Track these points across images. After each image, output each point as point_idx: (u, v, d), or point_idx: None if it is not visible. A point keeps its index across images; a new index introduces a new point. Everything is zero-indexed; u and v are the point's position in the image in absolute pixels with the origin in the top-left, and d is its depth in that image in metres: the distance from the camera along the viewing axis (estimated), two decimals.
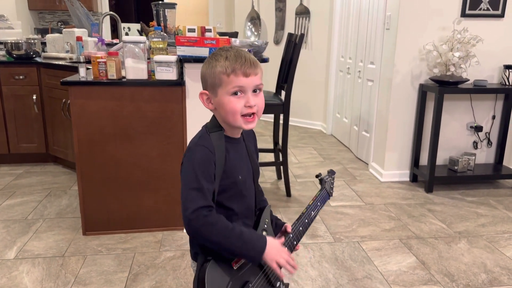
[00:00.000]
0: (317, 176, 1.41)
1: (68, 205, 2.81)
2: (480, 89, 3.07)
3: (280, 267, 1.09)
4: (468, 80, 3.08)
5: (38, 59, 3.50)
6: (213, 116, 1.15)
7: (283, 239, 1.19)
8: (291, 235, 1.21)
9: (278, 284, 1.19)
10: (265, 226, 1.20)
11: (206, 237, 1.02)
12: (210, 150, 1.06)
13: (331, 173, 1.44)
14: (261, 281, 1.14)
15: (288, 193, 3.03)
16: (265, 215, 1.22)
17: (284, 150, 2.97)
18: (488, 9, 3.12)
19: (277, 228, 1.26)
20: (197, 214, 1.01)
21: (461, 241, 2.43)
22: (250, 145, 1.23)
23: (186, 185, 1.05)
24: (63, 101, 3.17)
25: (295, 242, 1.22)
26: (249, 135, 1.25)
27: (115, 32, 6.30)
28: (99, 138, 2.29)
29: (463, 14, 3.10)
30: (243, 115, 1.07)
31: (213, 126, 1.13)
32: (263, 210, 1.23)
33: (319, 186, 1.40)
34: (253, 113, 1.08)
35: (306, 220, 1.25)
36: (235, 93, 1.06)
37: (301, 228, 1.24)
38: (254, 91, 1.08)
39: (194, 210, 1.01)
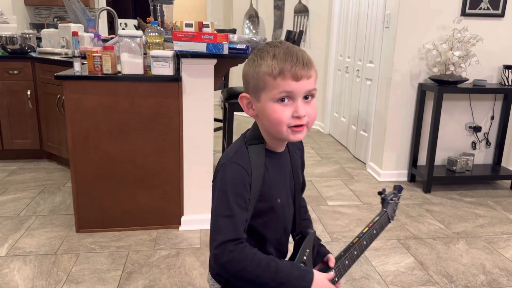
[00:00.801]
0: (379, 193, 1.19)
1: (62, 202, 2.77)
2: (479, 89, 3.04)
3: None
4: (468, 79, 3.05)
5: (33, 54, 3.45)
6: (254, 123, 0.98)
7: (332, 274, 1.00)
8: (332, 272, 1.02)
9: None
10: (305, 258, 1.01)
11: (233, 275, 0.88)
12: (246, 170, 0.91)
13: (398, 190, 1.22)
14: None
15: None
16: (307, 244, 1.02)
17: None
18: (488, 9, 3.10)
19: (319, 256, 1.07)
20: (222, 249, 0.86)
21: (460, 241, 2.40)
22: (297, 158, 1.08)
23: (216, 211, 0.91)
24: (58, 96, 3.12)
25: (336, 279, 1.03)
26: (296, 146, 1.09)
27: (112, 28, 6.24)
28: (94, 134, 2.25)
29: (463, 13, 3.08)
30: (290, 127, 0.90)
31: (253, 138, 0.96)
32: (306, 236, 1.04)
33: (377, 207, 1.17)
34: (302, 125, 0.91)
35: (356, 252, 1.06)
36: (282, 100, 0.89)
37: (347, 262, 1.04)
38: (306, 97, 0.91)
39: (220, 244, 0.87)
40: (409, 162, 3.33)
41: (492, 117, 3.36)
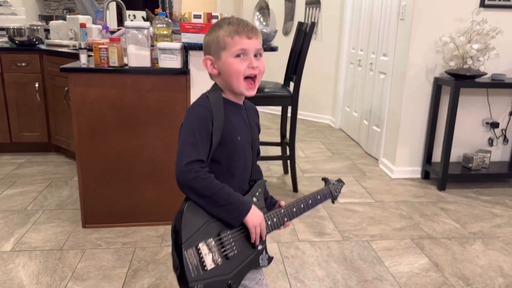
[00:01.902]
0: (323, 179, 1.41)
1: (69, 196, 2.73)
2: (498, 84, 2.93)
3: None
4: (486, 74, 2.94)
5: (41, 46, 3.41)
6: (214, 83, 1.18)
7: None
8: (282, 210, 1.21)
9: (260, 247, 1.18)
10: (257, 194, 1.21)
11: (195, 190, 1.04)
12: (207, 109, 1.10)
13: (340, 181, 1.43)
14: (240, 234, 1.13)
15: (295, 188, 2.93)
16: (259, 185, 1.23)
17: (291, 144, 2.87)
18: (509, 0, 2.98)
19: (271, 205, 1.28)
20: (190, 167, 1.03)
21: (476, 242, 2.32)
22: (252, 117, 1.25)
23: (182, 140, 1.08)
24: (66, 89, 3.08)
25: (286, 219, 1.22)
26: (252, 110, 1.26)
27: (120, 20, 6.20)
28: (100, 128, 2.20)
29: (483, 4, 2.96)
30: (246, 78, 1.11)
31: (213, 89, 1.17)
32: (258, 181, 1.24)
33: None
34: (255, 76, 1.12)
35: (302, 206, 1.25)
36: (238, 56, 1.10)
37: (294, 209, 1.24)
38: (255, 56, 1.12)
39: (188, 163, 1.03)
40: (423, 159, 3.24)
41: (511, 113, 3.24)
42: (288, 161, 3.00)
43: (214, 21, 2.35)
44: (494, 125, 3.21)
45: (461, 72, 2.86)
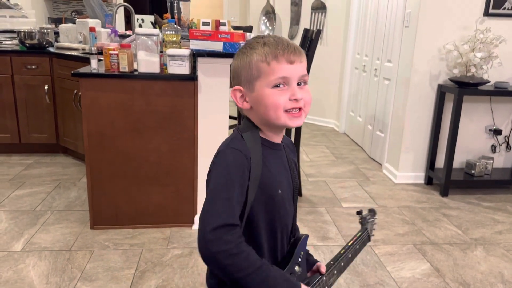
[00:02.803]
0: (358, 213, 1.24)
1: (77, 198, 2.79)
2: (501, 92, 2.96)
3: None
4: (489, 81, 2.97)
5: (50, 49, 3.47)
6: (246, 118, 0.96)
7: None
8: (324, 278, 1.01)
9: None
10: (299, 260, 0.99)
11: (222, 267, 0.80)
12: (244, 155, 0.87)
13: (373, 212, 1.27)
14: None
15: (299, 192, 2.97)
16: (301, 247, 1.01)
17: (296, 149, 2.91)
18: None
19: (308, 265, 1.06)
20: (218, 235, 0.79)
21: (477, 248, 2.35)
22: (291, 157, 1.04)
23: (211, 195, 0.84)
24: (75, 92, 3.14)
25: (326, 287, 1.02)
26: (289, 146, 1.06)
27: (129, 24, 6.27)
28: (109, 132, 2.25)
29: (486, 13, 2.99)
30: (287, 111, 0.90)
31: (247, 127, 0.94)
32: (300, 239, 1.02)
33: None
34: (299, 108, 0.91)
35: (342, 264, 1.07)
36: (277, 86, 0.89)
37: (335, 272, 1.04)
38: (299, 84, 0.91)
39: (216, 228, 0.79)
40: (427, 165, 3.27)
41: None
42: None
43: (222, 28, 2.40)
44: (497, 132, 3.24)
45: (464, 80, 2.89)
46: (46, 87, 3.40)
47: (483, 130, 3.28)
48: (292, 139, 3.04)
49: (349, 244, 1.12)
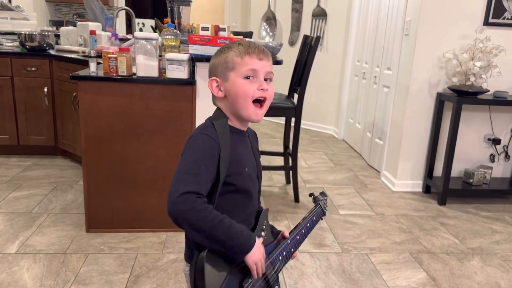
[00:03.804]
0: (310, 195, 1.40)
1: (73, 201, 2.78)
2: (500, 101, 2.96)
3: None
4: (488, 91, 2.97)
5: (51, 51, 3.48)
6: (217, 108, 1.12)
7: (261, 239, 1.09)
8: (289, 241, 1.17)
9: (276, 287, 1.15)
10: (264, 227, 1.15)
11: (190, 223, 0.93)
12: (214, 140, 1.02)
13: (323, 194, 1.40)
14: (260, 281, 1.07)
15: (297, 199, 2.96)
16: (263, 217, 1.17)
17: (294, 155, 2.91)
18: None
19: (273, 235, 1.22)
20: (185, 197, 0.92)
21: (474, 258, 2.34)
22: (254, 144, 1.20)
23: (181, 169, 0.98)
24: (74, 94, 3.14)
25: (292, 249, 1.18)
26: (253, 136, 1.22)
27: (130, 27, 6.29)
28: (107, 135, 2.25)
29: (486, 23, 3.00)
30: (254, 101, 1.06)
31: (217, 116, 1.10)
32: (261, 212, 1.18)
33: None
34: (264, 100, 1.07)
35: (303, 231, 1.23)
36: (248, 77, 1.05)
37: (298, 237, 1.20)
38: (265, 80, 1.07)
39: (184, 193, 0.93)
40: (425, 173, 3.26)
41: None
42: (291, 171, 3.04)
43: (221, 33, 2.40)
44: (496, 141, 3.24)
45: (463, 89, 2.89)
46: (45, 89, 3.40)
47: (482, 139, 3.28)
48: (290, 145, 3.04)
49: (306, 216, 1.28)
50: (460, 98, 2.89)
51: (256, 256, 1.01)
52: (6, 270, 1.99)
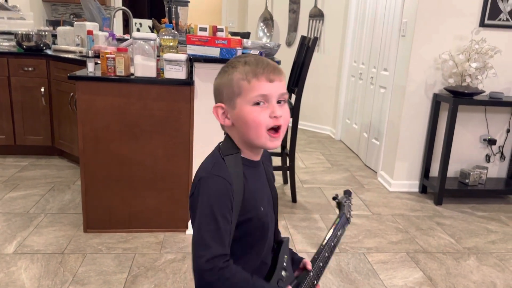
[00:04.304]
0: (334, 199, 1.28)
1: (71, 201, 2.78)
2: (496, 102, 2.99)
3: None
4: (484, 91, 3.00)
5: (48, 51, 3.47)
6: (227, 136, 0.99)
7: None
8: (311, 274, 1.06)
9: None
10: (284, 264, 1.05)
11: None
12: (227, 181, 0.90)
13: (348, 193, 1.30)
14: None
15: (294, 199, 2.97)
16: (283, 251, 1.06)
17: (291, 155, 2.92)
18: (508, 20, 3.04)
19: (294, 264, 1.11)
20: (212, 265, 0.86)
21: (470, 257, 2.36)
22: (269, 169, 1.09)
23: (200, 226, 0.89)
24: (71, 94, 3.14)
25: (315, 282, 1.06)
26: (266, 157, 1.09)
27: (127, 27, 6.28)
28: (105, 135, 2.25)
29: (482, 24, 3.02)
30: (268, 130, 0.92)
31: (228, 148, 0.97)
32: (281, 244, 1.07)
33: (332, 203, 1.31)
34: (279, 127, 0.93)
35: (327, 254, 1.11)
36: (258, 103, 0.91)
37: (321, 264, 1.09)
38: (278, 102, 0.93)
39: (209, 260, 0.85)
40: (421, 173, 3.28)
41: (508, 130, 3.29)
42: (288, 172, 3.05)
43: (219, 34, 2.41)
44: (492, 142, 3.26)
45: (459, 90, 2.91)
46: (42, 89, 3.39)
47: (478, 139, 3.30)
48: (288, 145, 3.05)
49: (330, 235, 1.14)
50: (456, 99, 2.91)
51: None
52: (3, 270, 1.99)
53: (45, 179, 3.13)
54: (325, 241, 1.12)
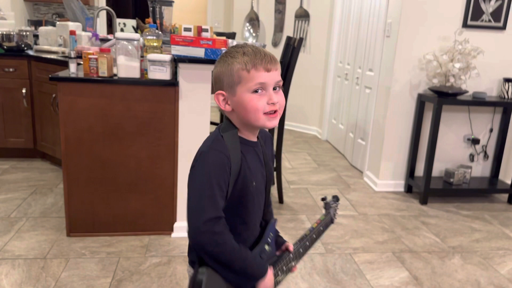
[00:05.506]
0: (322, 199, 1.37)
1: (53, 204, 2.72)
2: (479, 102, 3.02)
3: None
4: (467, 91, 3.03)
5: (29, 51, 3.40)
6: (226, 118, 1.08)
7: (272, 269, 1.11)
8: (291, 255, 1.17)
9: None
10: (269, 240, 1.15)
11: (210, 254, 0.97)
12: (225, 155, 1.00)
13: (336, 198, 1.40)
14: None
15: (281, 200, 2.96)
16: (270, 229, 1.16)
17: (278, 156, 2.90)
18: (490, 21, 3.08)
19: (277, 245, 1.21)
20: (207, 227, 0.95)
21: (455, 256, 2.38)
22: (267, 149, 1.17)
23: (197, 192, 0.98)
24: (53, 96, 3.08)
25: (293, 263, 1.18)
26: (267, 138, 1.19)
27: (111, 27, 6.20)
28: (87, 137, 2.21)
29: (465, 25, 3.06)
30: (265, 113, 1.02)
31: (227, 126, 1.07)
32: (269, 223, 1.17)
33: (320, 205, 1.37)
34: (275, 111, 1.03)
35: (308, 243, 1.22)
36: (256, 91, 1.01)
37: (301, 250, 1.20)
38: (274, 88, 1.03)
39: (205, 222, 0.95)
40: (406, 173, 3.31)
41: (491, 130, 3.33)
42: (275, 172, 3.04)
43: (204, 34, 2.39)
44: (475, 141, 3.30)
45: (443, 90, 2.94)
46: (23, 91, 3.32)
47: (462, 139, 3.34)
48: (274, 146, 3.04)
49: (314, 226, 1.26)
50: (440, 99, 2.93)
51: (267, 284, 1.05)
52: None
53: (27, 182, 3.07)
54: (309, 232, 1.24)
